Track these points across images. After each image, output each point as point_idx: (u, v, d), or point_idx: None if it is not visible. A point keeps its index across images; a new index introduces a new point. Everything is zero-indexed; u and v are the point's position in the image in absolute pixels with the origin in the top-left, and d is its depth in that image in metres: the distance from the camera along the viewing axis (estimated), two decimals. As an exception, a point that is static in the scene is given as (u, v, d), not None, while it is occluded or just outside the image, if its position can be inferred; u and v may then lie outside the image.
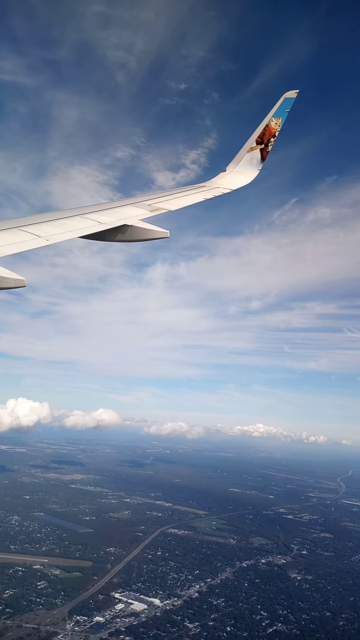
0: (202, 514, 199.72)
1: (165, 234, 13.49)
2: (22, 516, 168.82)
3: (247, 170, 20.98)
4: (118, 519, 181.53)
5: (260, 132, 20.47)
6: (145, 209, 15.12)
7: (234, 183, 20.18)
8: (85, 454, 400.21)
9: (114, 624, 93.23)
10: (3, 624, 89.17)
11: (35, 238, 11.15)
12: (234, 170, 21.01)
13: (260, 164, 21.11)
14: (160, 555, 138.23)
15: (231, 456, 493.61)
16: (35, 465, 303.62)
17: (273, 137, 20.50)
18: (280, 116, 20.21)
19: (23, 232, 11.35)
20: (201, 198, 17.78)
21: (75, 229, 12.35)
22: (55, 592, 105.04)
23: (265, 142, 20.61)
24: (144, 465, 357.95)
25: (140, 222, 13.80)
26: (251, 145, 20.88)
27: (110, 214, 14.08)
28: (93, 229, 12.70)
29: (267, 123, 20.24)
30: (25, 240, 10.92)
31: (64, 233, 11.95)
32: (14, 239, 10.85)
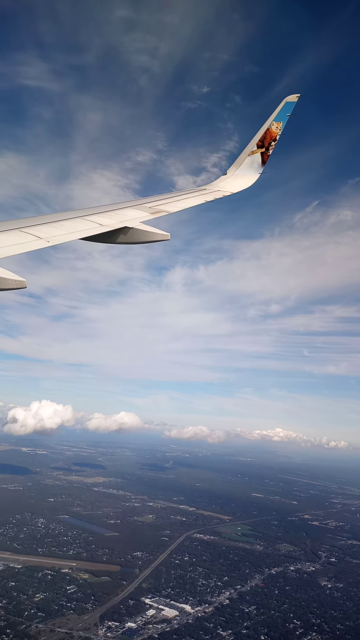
0: (226, 519, 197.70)
1: (165, 237, 13.43)
2: (47, 519, 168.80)
3: (247, 173, 21.03)
4: (143, 522, 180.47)
5: (261, 136, 20.50)
6: (146, 212, 15.09)
7: (235, 186, 20.22)
8: (106, 456, 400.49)
9: (146, 630, 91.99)
10: (36, 627, 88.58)
11: (36, 239, 11.11)
12: (234, 174, 21.08)
13: (261, 167, 21.10)
14: (187, 560, 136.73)
15: (251, 461, 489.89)
16: (57, 468, 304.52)
17: (274, 140, 20.53)
18: (281, 120, 20.25)
19: (24, 234, 11.32)
20: (202, 200, 17.85)
21: (76, 231, 12.33)
22: (85, 597, 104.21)
23: (266, 146, 20.64)
24: (165, 469, 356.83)
25: (141, 224, 13.75)
26: (252, 149, 20.92)
27: (111, 215, 14.05)
28: (94, 230, 12.67)
29: (268, 127, 20.30)
30: (26, 242, 10.89)
31: (65, 234, 11.93)
32: (15, 240, 10.85)
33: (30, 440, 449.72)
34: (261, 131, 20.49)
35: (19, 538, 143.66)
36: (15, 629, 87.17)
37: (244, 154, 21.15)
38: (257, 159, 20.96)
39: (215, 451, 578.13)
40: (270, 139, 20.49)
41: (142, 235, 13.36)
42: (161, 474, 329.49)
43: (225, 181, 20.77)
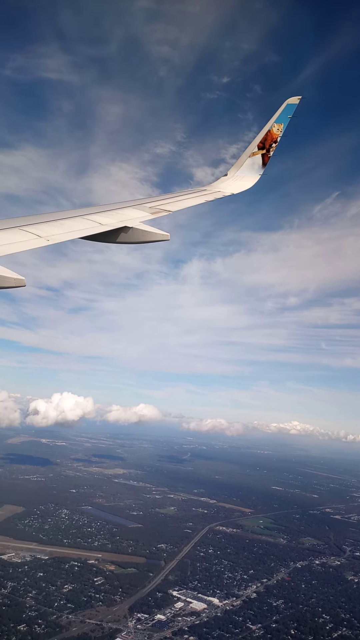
0: (247, 512, 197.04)
1: (165, 237, 13.40)
2: (71, 510, 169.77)
3: (248, 175, 20.99)
4: (165, 514, 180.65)
5: (262, 138, 20.45)
6: (146, 211, 15.04)
7: (235, 187, 20.22)
8: (124, 448, 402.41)
9: (175, 623, 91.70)
10: (67, 618, 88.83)
11: (36, 238, 11.10)
12: (235, 175, 21.04)
13: (262, 169, 21.06)
14: (212, 553, 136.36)
15: (268, 454, 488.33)
16: (77, 459, 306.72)
17: (275, 142, 20.50)
18: (282, 122, 20.21)
19: (24, 232, 11.30)
20: (202, 200, 17.88)
21: (76, 230, 12.31)
22: (113, 589, 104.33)
23: (267, 148, 20.61)
24: (183, 461, 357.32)
25: (140, 224, 13.70)
26: (253, 150, 20.85)
27: (111, 215, 13.99)
28: (94, 230, 12.63)
29: (269, 129, 20.27)
30: (25, 240, 10.87)
31: (65, 233, 11.91)
32: (15, 238, 10.82)
33: (49, 432, 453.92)
34: (262, 133, 20.48)
35: (44, 529, 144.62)
36: (46, 619, 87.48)
37: (245, 155, 21.15)
38: (257, 160, 20.92)
39: (232, 443, 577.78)
40: (272, 140, 20.48)
41: (142, 235, 13.32)
42: (180, 466, 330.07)
43: (225, 182, 20.74)
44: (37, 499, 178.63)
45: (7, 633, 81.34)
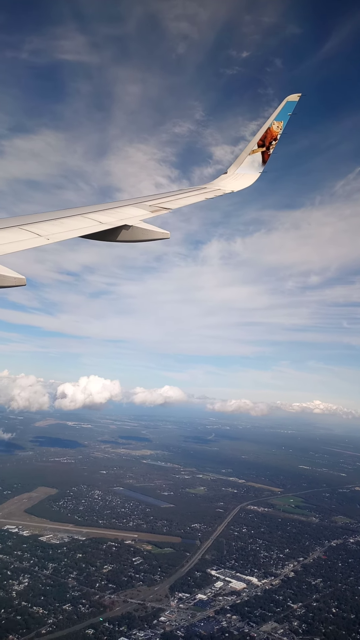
0: (277, 491, 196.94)
1: (165, 235, 13.40)
2: (103, 491, 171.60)
3: (248, 172, 20.94)
4: (195, 494, 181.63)
5: (262, 135, 20.33)
6: (146, 210, 15.02)
7: (235, 185, 20.17)
8: (149, 430, 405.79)
9: (217, 602, 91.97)
10: (109, 598, 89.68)
11: (35, 237, 11.07)
12: (235, 173, 20.99)
13: (262, 166, 20.96)
14: (246, 532, 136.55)
15: (291, 433, 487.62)
16: (105, 441, 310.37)
17: (274, 140, 20.40)
18: (282, 119, 20.10)
19: (24, 231, 11.27)
20: (202, 198, 17.89)
21: (76, 228, 12.30)
22: (152, 568, 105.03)
23: (267, 145, 20.51)
24: (208, 442, 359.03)
25: (140, 222, 13.69)
26: (252, 148, 20.75)
27: (111, 214, 14.00)
28: (94, 228, 12.61)
29: (269, 126, 20.14)
30: (25, 239, 10.85)
31: (65, 232, 11.89)
32: (15, 237, 10.79)
33: (74, 415, 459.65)
34: (262, 130, 20.31)
35: (78, 510, 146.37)
36: (89, 599, 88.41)
37: (245, 153, 21.01)
38: (257, 158, 20.83)
39: (255, 423, 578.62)
40: (271, 138, 20.33)
41: (142, 234, 13.30)
42: (205, 446, 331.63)
43: (225, 180, 20.63)
44: (69, 481, 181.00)
45: (54, 612, 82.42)
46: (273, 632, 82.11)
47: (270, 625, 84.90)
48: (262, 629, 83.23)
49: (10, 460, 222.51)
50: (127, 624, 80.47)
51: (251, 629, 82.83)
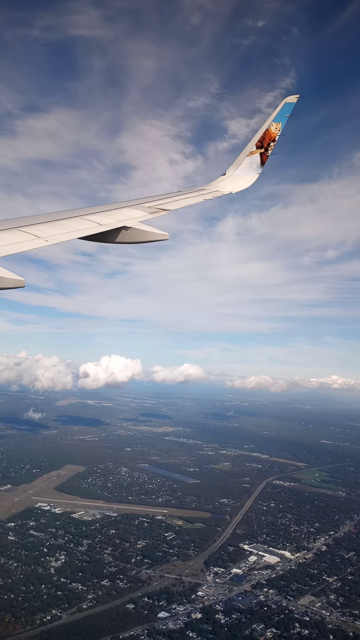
0: (301, 466, 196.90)
1: (164, 236, 13.41)
2: (129, 467, 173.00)
3: (246, 174, 20.84)
4: (220, 470, 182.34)
5: (260, 137, 20.28)
6: (145, 211, 15.04)
7: (234, 187, 20.13)
8: (168, 407, 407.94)
9: (252, 576, 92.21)
10: (146, 573, 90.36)
11: (34, 238, 11.04)
12: (233, 174, 20.91)
13: (260, 168, 20.88)
14: (274, 507, 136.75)
15: (310, 408, 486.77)
16: (126, 419, 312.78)
17: (273, 141, 20.34)
18: (280, 121, 20.03)
19: (22, 233, 11.25)
20: (201, 199, 17.88)
21: (75, 230, 12.28)
22: (185, 543, 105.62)
23: (265, 147, 20.45)
24: (228, 418, 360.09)
25: (139, 224, 13.70)
26: (251, 149, 20.67)
27: (109, 215, 14.01)
28: (92, 230, 12.60)
29: (267, 127, 20.07)
30: (24, 241, 10.80)
31: (64, 234, 11.85)
32: (14, 239, 10.76)
33: (93, 394, 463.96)
34: (260, 132, 20.26)
35: (107, 487, 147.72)
36: (127, 574, 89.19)
37: (243, 155, 20.92)
38: (256, 159, 20.75)
39: (273, 399, 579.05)
40: (270, 139, 20.28)
41: (141, 235, 13.27)
42: (226, 422, 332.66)
43: (224, 181, 20.59)
44: (95, 458, 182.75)
45: (93, 588, 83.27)
46: (311, 606, 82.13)
47: (307, 598, 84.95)
48: (300, 602, 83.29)
49: (36, 439, 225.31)
50: (166, 599, 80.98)
51: (289, 602, 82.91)
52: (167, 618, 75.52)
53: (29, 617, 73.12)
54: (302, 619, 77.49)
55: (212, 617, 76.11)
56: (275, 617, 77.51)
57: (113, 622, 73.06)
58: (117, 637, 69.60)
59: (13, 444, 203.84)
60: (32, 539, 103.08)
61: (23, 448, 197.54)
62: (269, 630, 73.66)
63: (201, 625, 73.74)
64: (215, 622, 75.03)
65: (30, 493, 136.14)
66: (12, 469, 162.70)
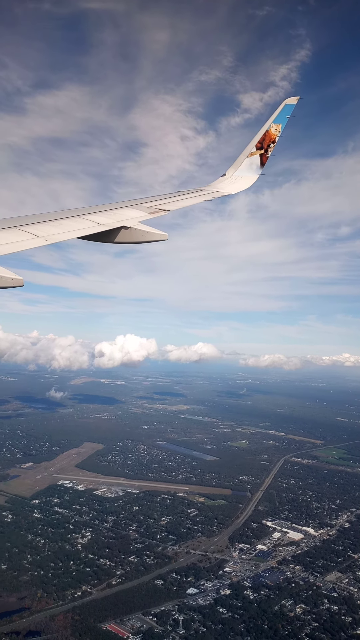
0: (318, 443, 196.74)
1: (163, 237, 13.45)
2: (147, 445, 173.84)
3: (246, 175, 20.88)
4: (238, 447, 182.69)
5: (260, 138, 20.29)
6: (144, 211, 15.09)
7: (233, 187, 20.17)
8: (181, 385, 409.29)
9: (277, 553, 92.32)
10: (172, 550, 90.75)
11: (33, 238, 11.04)
12: (233, 175, 20.95)
13: (260, 169, 20.90)
14: (294, 484, 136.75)
15: (322, 386, 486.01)
16: (140, 397, 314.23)
17: (273, 142, 20.37)
18: (280, 122, 20.04)
19: (22, 232, 11.24)
20: (200, 200, 17.96)
21: (74, 230, 12.30)
22: (208, 520, 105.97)
23: (265, 148, 20.48)
24: (242, 396, 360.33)
25: (139, 224, 13.71)
26: (251, 150, 20.68)
27: (109, 215, 14.03)
28: (92, 229, 12.62)
29: (267, 129, 20.08)
30: (23, 240, 10.79)
31: (63, 233, 11.84)
32: (13, 238, 10.76)
33: (107, 372, 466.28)
34: (260, 133, 20.23)
35: (127, 464, 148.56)
36: (153, 550, 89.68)
37: (243, 155, 20.93)
38: (256, 160, 20.75)
39: (285, 377, 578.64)
40: (270, 140, 20.29)
41: (140, 235, 13.29)
42: (239, 400, 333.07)
43: (224, 182, 20.62)
44: (113, 436, 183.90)
45: (121, 564, 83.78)
46: (338, 582, 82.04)
47: (334, 575, 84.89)
48: (327, 579, 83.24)
49: (53, 417, 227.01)
50: (194, 575, 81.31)
51: (316, 579, 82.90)
52: (196, 594, 75.85)
53: (60, 592, 73.77)
54: (331, 595, 77.49)
55: (241, 593, 76.31)
56: (304, 593, 77.60)
57: (143, 598, 73.52)
58: (149, 612, 70.04)
59: (31, 423, 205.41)
60: (57, 516, 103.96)
61: (41, 426, 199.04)
62: (298, 606, 73.73)
63: (231, 601, 73.95)
64: (245, 598, 75.22)
65: (52, 470, 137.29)
66: (33, 447, 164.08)
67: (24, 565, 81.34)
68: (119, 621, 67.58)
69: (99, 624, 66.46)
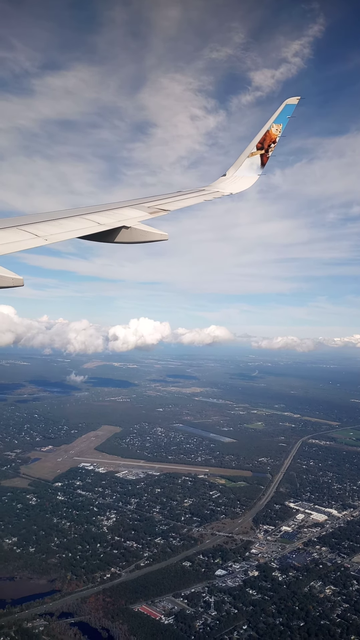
0: (334, 425, 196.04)
1: (164, 237, 13.49)
2: (164, 428, 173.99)
3: (247, 175, 20.87)
4: (254, 429, 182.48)
5: (261, 138, 20.28)
6: (145, 211, 15.07)
7: (234, 187, 20.24)
8: (193, 368, 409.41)
9: (303, 534, 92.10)
10: (197, 531, 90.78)
11: (33, 237, 11.04)
12: (234, 175, 20.96)
13: (260, 169, 20.90)
14: (314, 465, 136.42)
15: (334, 367, 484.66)
16: (154, 380, 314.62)
17: (273, 142, 20.38)
18: (281, 122, 20.03)
19: (22, 232, 11.24)
20: (201, 200, 18.00)
21: (75, 229, 12.27)
22: (230, 502, 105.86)
23: (266, 148, 20.48)
24: (254, 378, 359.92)
25: (139, 223, 13.69)
26: (251, 151, 20.66)
27: (109, 215, 13.99)
28: (92, 229, 12.58)
29: (268, 129, 20.07)
30: (23, 240, 10.80)
31: (63, 233, 11.81)
32: (13, 238, 10.76)
33: (117, 356, 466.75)
34: (261, 133, 20.20)
35: (146, 447, 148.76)
36: (178, 532, 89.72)
37: (244, 156, 20.90)
38: (256, 160, 20.72)
39: (296, 359, 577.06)
40: (270, 140, 20.26)
41: (141, 235, 13.30)
42: (252, 382, 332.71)
43: (224, 182, 20.59)
44: (130, 419, 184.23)
45: (148, 546, 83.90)
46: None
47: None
48: (354, 560, 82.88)
49: (69, 400, 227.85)
50: (221, 556, 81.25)
51: (343, 560, 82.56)
52: (225, 576, 75.82)
53: (89, 575, 73.99)
54: (359, 576, 77.19)
55: (269, 575, 76.16)
56: (332, 574, 77.28)
57: (172, 580, 73.58)
58: (179, 594, 70.06)
59: (48, 406, 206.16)
60: (80, 498, 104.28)
61: (58, 410, 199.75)
62: (328, 587, 73.49)
63: (260, 583, 73.82)
64: (273, 579, 75.06)
65: (71, 453, 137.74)
66: (51, 430, 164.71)
67: (51, 548, 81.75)
68: (150, 603, 67.70)
69: (130, 606, 66.60)
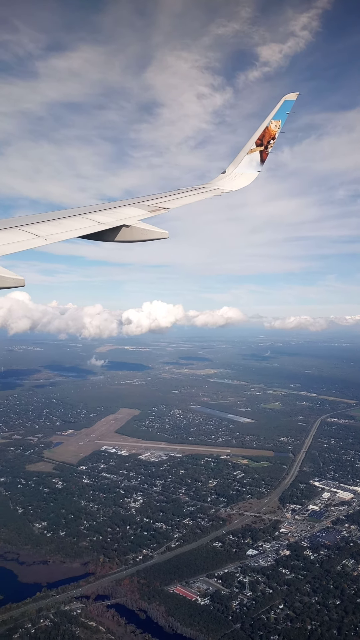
0: (352, 403, 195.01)
1: (164, 235, 13.49)
2: (182, 409, 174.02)
3: (246, 172, 20.85)
4: (272, 409, 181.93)
5: (260, 134, 20.17)
6: (145, 210, 15.05)
7: (234, 184, 20.18)
8: (205, 350, 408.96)
9: (330, 513, 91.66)
10: (225, 512, 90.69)
11: (34, 237, 11.08)
12: (233, 172, 20.93)
13: (260, 165, 20.86)
14: (335, 444, 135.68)
15: (347, 346, 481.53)
16: (167, 362, 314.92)
17: (273, 139, 20.27)
18: (280, 118, 19.91)
19: (22, 232, 11.27)
20: (200, 198, 17.92)
21: (75, 229, 12.31)
22: (255, 481, 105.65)
23: (265, 144, 20.42)
24: (267, 359, 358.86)
25: (139, 222, 13.66)
26: (251, 147, 20.63)
27: (109, 214, 14.03)
28: (92, 228, 12.60)
29: (267, 125, 19.99)
30: (24, 240, 10.84)
31: (63, 233, 11.88)
32: (13, 238, 10.79)
33: (128, 340, 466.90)
34: (260, 129, 20.16)
35: (165, 429, 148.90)
36: (206, 513, 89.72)
37: (243, 152, 20.85)
38: (255, 157, 20.73)
39: (307, 339, 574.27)
40: (269, 137, 20.23)
41: (141, 234, 13.28)
42: (265, 363, 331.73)
43: (224, 179, 20.59)
44: (147, 401, 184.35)
45: (177, 527, 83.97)
46: None
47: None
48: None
49: (85, 384, 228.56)
50: (251, 536, 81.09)
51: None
52: (256, 555, 75.73)
53: (122, 557, 74.17)
54: (391, 553, 76.73)
55: (300, 554, 75.94)
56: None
57: (205, 561, 73.56)
58: (213, 574, 70.05)
59: (65, 391, 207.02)
60: (106, 481, 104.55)
61: (75, 394, 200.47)
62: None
63: (292, 562, 73.63)
64: (305, 558, 74.84)
65: (93, 437, 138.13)
66: (70, 414, 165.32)
67: (81, 531, 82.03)
68: (184, 584, 67.77)
69: (165, 587, 66.68)
